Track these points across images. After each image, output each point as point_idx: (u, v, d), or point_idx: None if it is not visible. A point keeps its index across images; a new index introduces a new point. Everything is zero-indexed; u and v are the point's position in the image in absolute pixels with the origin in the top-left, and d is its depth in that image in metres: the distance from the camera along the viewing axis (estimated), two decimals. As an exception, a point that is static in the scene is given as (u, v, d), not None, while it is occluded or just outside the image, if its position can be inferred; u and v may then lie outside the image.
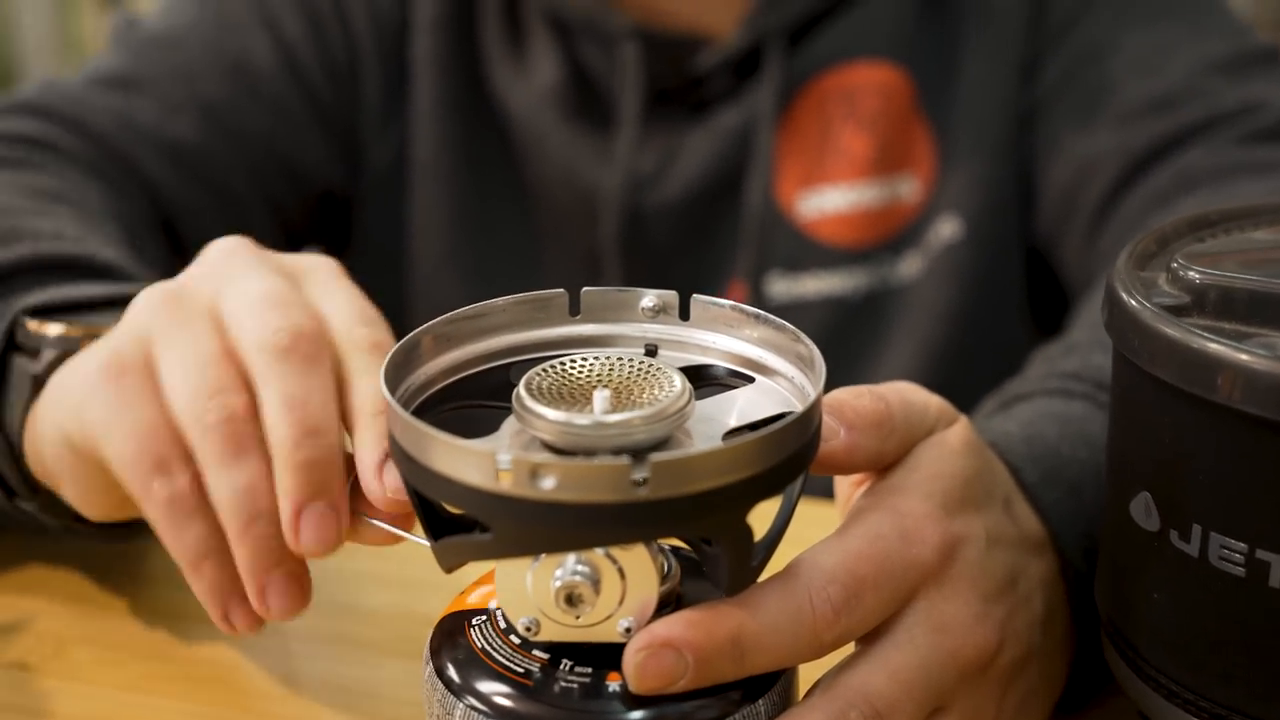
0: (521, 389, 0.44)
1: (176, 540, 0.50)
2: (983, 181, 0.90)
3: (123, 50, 0.88)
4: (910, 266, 0.91)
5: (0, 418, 0.59)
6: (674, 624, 0.43)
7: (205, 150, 0.86)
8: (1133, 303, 0.47)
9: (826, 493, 0.55)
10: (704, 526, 0.42)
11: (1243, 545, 0.45)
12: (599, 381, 0.45)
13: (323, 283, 0.53)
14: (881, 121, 0.90)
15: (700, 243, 0.91)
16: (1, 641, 0.61)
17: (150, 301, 0.52)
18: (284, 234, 0.91)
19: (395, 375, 0.45)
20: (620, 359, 0.46)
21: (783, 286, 0.91)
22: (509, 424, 0.45)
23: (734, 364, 0.48)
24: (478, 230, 0.92)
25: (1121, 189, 0.83)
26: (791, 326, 0.47)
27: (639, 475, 0.40)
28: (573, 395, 0.44)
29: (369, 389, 0.49)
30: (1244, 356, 0.43)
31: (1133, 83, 0.86)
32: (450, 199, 0.92)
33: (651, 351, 0.49)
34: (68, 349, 0.56)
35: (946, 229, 0.90)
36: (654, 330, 0.49)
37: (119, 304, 0.57)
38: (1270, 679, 0.46)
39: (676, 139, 0.90)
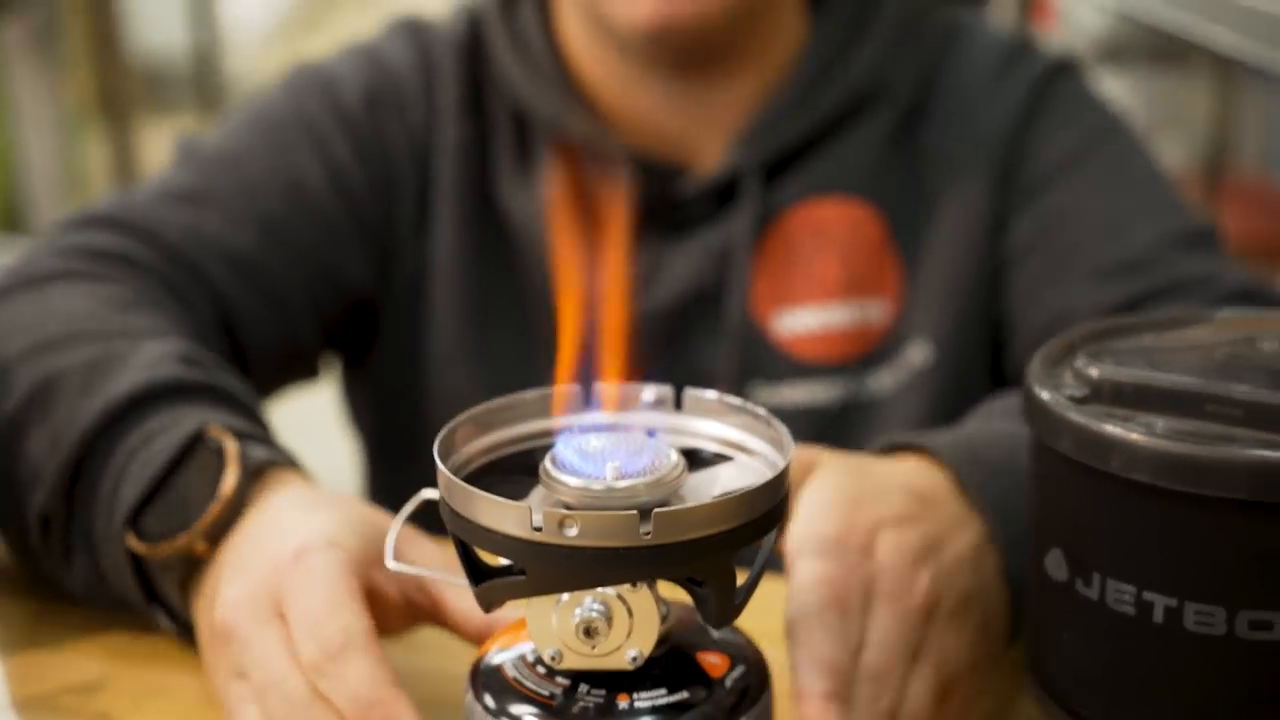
0: (547, 462, 0.54)
1: None
2: (952, 314, 1.00)
3: (189, 168, 0.98)
4: (881, 382, 1.01)
5: (167, 612, 0.72)
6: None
7: (264, 261, 0.95)
8: (1043, 394, 0.58)
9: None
10: (696, 568, 0.52)
11: (1132, 588, 0.55)
12: (606, 454, 0.55)
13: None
14: (850, 251, 1.00)
15: (686, 349, 1.01)
16: (86, 697, 0.71)
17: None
18: (324, 337, 1.00)
19: (445, 449, 0.55)
20: (626, 439, 0.56)
21: (764, 395, 1.00)
22: (537, 491, 0.55)
23: (719, 446, 0.59)
24: (486, 325, 1.02)
25: None
26: (765, 412, 0.57)
27: (645, 525, 0.50)
28: (588, 467, 0.54)
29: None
30: (1128, 435, 0.54)
31: (1102, 245, 0.97)
32: (463, 298, 1.01)
33: (651, 436, 0.59)
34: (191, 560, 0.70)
35: (918, 354, 1.00)
36: (654, 419, 0.60)
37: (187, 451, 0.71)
38: (1159, 700, 0.56)
39: (661, 254, 1.00)
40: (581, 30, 1.01)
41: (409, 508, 0.61)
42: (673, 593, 0.55)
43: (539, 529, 0.50)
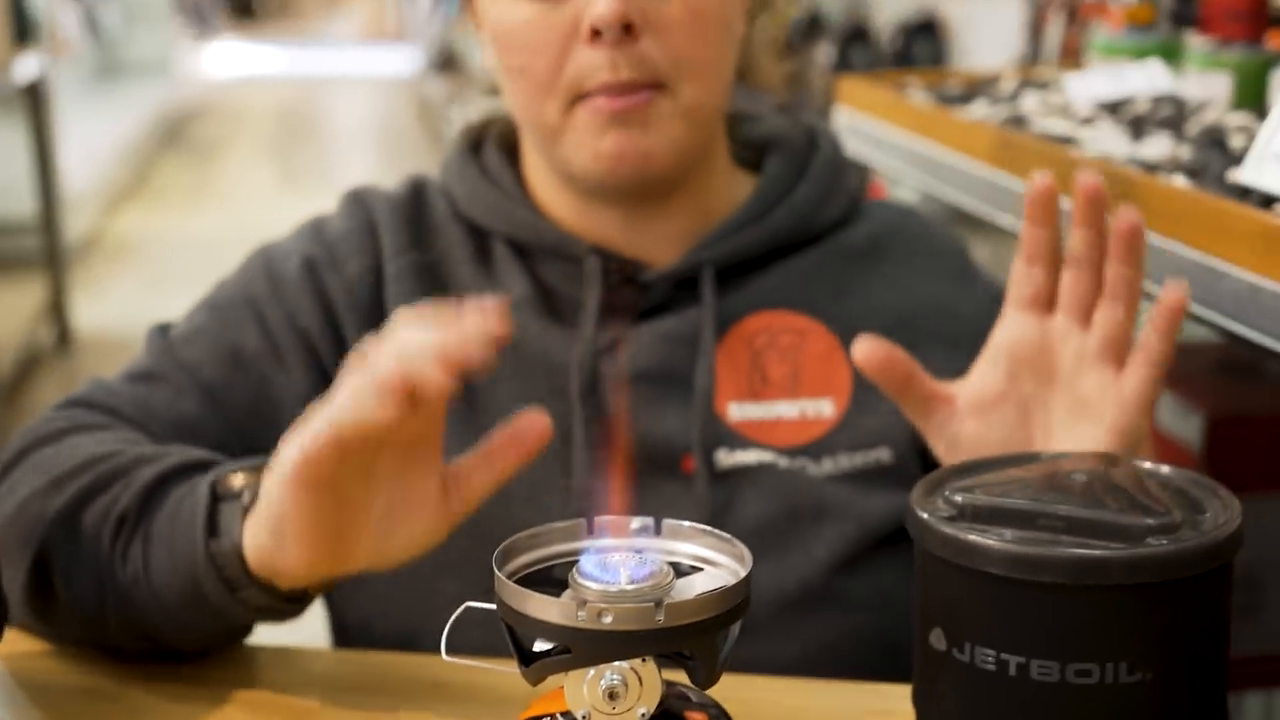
0: (574, 572, 0.75)
1: None
2: (904, 423, 1.11)
3: (150, 353, 1.16)
4: (827, 467, 1.14)
5: (220, 541, 0.92)
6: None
7: (205, 423, 1.13)
8: (924, 514, 0.80)
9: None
10: (691, 645, 0.73)
11: (993, 651, 0.77)
12: (620, 566, 0.75)
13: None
14: (799, 357, 1.14)
15: (653, 416, 1.14)
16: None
17: None
18: None
19: (499, 565, 0.75)
20: (628, 555, 0.77)
21: (725, 459, 1.13)
22: (567, 593, 0.75)
23: (691, 560, 0.80)
24: (468, 413, 1.13)
25: None
26: (728, 535, 0.78)
27: (659, 613, 0.71)
28: (606, 575, 0.75)
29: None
30: (986, 541, 0.76)
31: None
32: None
33: (639, 553, 0.80)
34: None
35: (869, 455, 1.14)
36: (640, 541, 0.80)
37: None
38: (1015, 733, 0.77)
39: (624, 333, 1.15)
40: (541, 170, 1.18)
41: (455, 615, 0.81)
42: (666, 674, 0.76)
43: (583, 618, 0.71)
